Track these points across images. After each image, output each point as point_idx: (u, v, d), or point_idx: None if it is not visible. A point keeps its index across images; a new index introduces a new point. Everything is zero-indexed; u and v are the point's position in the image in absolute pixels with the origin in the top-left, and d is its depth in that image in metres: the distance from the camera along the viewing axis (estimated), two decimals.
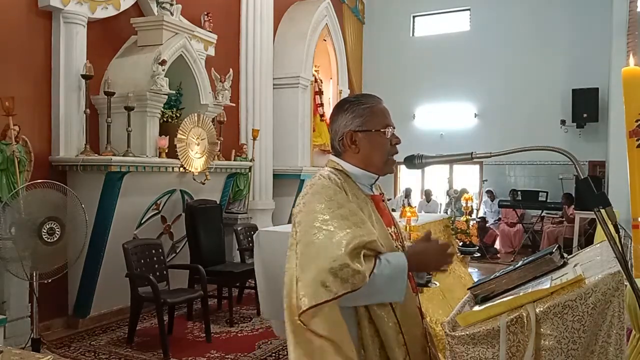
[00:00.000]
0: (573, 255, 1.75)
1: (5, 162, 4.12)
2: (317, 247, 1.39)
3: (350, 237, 1.39)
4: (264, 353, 4.36)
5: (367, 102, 1.63)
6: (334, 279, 1.34)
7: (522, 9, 10.55)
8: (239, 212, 6.86)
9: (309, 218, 1.46)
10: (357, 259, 1.37)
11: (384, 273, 1.42)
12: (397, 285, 1.45)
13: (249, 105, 7.37)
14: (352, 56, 10.66)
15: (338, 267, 1.34)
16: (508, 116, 10.53)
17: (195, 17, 6.37)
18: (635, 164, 2.57)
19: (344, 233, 1.40)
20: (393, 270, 1.44)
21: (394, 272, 1.45)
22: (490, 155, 1.52)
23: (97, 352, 4.32)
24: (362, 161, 1.62)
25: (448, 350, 1.44)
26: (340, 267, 1.34)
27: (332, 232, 1.40)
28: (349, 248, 1.37)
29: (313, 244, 1.40)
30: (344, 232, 1.40)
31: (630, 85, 2.62)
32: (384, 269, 1.43)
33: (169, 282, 4.80)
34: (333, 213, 1.44)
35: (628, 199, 2.64)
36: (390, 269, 1.44)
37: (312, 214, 1.46)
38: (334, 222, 1.42)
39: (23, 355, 1.79)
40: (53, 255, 3.87)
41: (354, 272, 1.35)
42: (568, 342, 1.32)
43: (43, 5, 4.64)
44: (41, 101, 4.73)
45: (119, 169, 4.75)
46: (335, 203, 1.47)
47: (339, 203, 1.48)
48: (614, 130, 8.00)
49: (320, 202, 1.47)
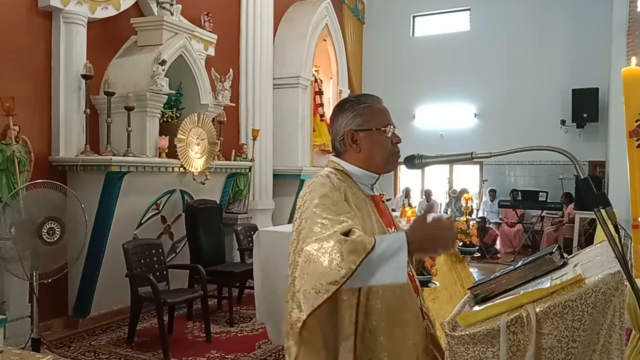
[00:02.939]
0: (573, 255, 1.75)
1: (5, 162, 4.11)
2: (314, 262, 1.36)
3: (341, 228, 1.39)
4: (264, 353, 4.36)
5: (367, 102, 1.64)
6: (342, 258, 1.31)
7: (522, 9, 10.55)
8: (239, 212, 6.86)
9: (307, 224, 1.44)
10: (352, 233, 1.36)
11: (382, 247, 1.34)
12: (397, 262, 1.34)
13: (249, 105, 7.37)
14: (352, 56, 10.66)
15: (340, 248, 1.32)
16: (508, 116, 10.53)
17: (195, 17, 6.37)
18: (635, 164, 2.57)
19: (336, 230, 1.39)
20: (389, 244, 1.35)
21: (392, 247, 1.35)
22: (490, 155, 1.52)
23: (97, 352, 4.32)
24: (363, 161, 1.63)
25: (448, 350, 1.44)
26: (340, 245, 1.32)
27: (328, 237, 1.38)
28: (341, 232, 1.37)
29: (311, 256, 1.37)
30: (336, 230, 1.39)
31: (630, 85, 2.63)
32: (380, 243, 1.35)
33: (169, 282, 4.80)
34: (326, 209, 1.44)
35: (628, 199, 2.65)
36: (387, 244, 1.35)
37: (311, 218, 1.44)
38: (328, 219, 1.41)
39: (23, 355, 1.79)
40: (53, 255, 3.87)
41: (357, 239, 1.33)
42: (568, 342, 1.32)
43: (43, 5, 4.64)
44: (41, 101, 4.73)
45: (119, 169, 4.75)
46: (329, 200, 1.47)
47: (333, 200, 1.48)
48: (614, 130, 8.00)
49: (315, 199, 1.47)
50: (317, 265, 1.33)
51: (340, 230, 1.37)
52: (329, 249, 1.33)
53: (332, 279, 1.29)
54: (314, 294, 1.32)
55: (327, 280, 1.30)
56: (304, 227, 1.42)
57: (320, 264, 1.32)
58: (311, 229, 1.40)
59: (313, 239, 1.37)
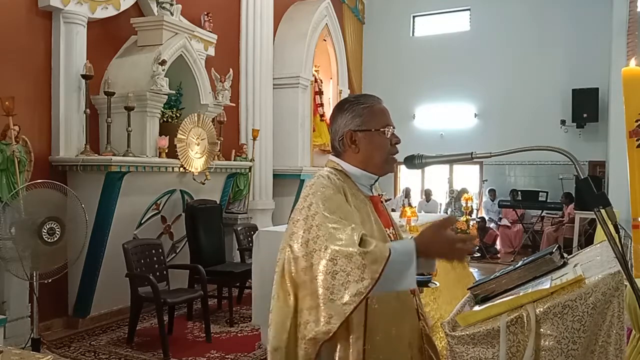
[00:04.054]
0: (573, 255, 1.75)
1: (5, 162, 4.11)
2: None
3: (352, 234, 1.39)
4: (264, 353, 4.35)
5: (366, 102, 1.64)
6: (364, 269, 1.33)
7: (522, 9, 10.54)
8: (239, 212, 6.86)
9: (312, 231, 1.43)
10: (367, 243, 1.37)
11: (396, 256, 1.35)
12: (409, 270, 1.37)
13: (249, 105, 7.37)
14: (352, 56, 10.66)
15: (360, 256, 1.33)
16: (508, 116, 10.53)
17: (195, 17, 6.37)
18: (635, 164, 2.57)
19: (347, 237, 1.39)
20: (401, 254, 1.37)
21: (404, 256, 1.37)
22: (490, 155, 1.52)
23: (97, 352, 4.32)
24: (361, 161, 1.62)
25: (448, 350, 1.44)
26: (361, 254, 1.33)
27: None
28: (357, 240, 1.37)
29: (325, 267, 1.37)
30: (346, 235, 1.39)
31: (630, 85, 2.63)
32: (394, 252, 1.36)
33: (169, 282, 4.80)
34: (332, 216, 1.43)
35: (628, 199, 2.65)
36: (399, 254, 1.36)
37: (319, 225, 1.43)
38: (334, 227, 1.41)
39: (23, 355, 1.79)
40: (53, 255, 3.87)
41: (376, 249, 1.34)
42: (568, 342, 1.32)
43: (43, 5, 4.64)
44: (41, 101, 4.73)
45: (119, 169, 4.75)
46: (335, 204, 1.47)
47: (338, 204, 1.48)
48: (614, 130, 7.99)
49: (319, 206, 1.46)
50: (338, 273, 1.34)
51: (357, 238, 1.37)
52: (351, 258, 1.34)
53: (355, 290, 1.32)
54: (340, 305, 1.33)
55: (352, 292, 1.32)
56: (318, 236, 1.40)
57: (342, 274, 1.34)
58: (328, 237, 1.38)
59: (331, 250, 1.36)
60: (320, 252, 1.38)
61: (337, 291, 1.33)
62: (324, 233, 1.39)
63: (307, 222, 1.44)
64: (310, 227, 1.42)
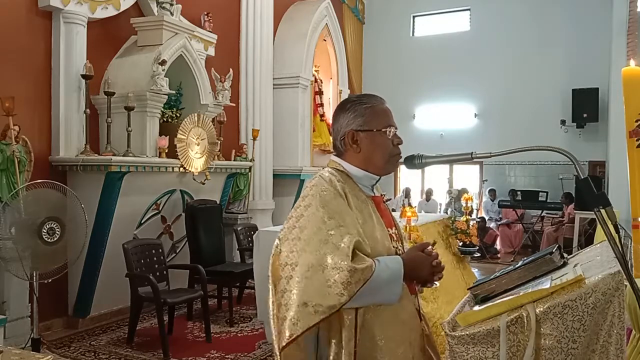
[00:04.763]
0: (573, 255, 1.75)
1: (5, 162, 4.11)
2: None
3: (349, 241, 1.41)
4: (264, 353, 4.36)
5: (368, 102, 1.64)
6: (346, 285, 1.36)
7: (522, 9, 10.55)
8: (239, 212, 6.86)
9: (311, 231, 1.44)
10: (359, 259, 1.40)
11: (382, 276, 1.43)
12: (394, 289, 1.47)
13: (249, 105, 7.37)
14: (352, 56, 10.66)
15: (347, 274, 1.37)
16: (508, 116, 10.53)
17: (195, 17, 6.37)
18: (635, 164, 2.57)
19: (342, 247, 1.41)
20: (391, 274, 1.46)
21: (391, 276, 1.46)
22: (490, 155, 1.52)
23: (97, 352, 4.32)
24: (363, 161, 1.62)
25: (448, 350, 1.44)
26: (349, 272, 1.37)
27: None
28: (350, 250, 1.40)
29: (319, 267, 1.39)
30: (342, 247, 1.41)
31: (630, 85, 2.63)
32: (382, 272, 1.43)
33: (169, 282, 4.80)
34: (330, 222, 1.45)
35: (628, 199, 2.65)
36: (389, 273, 1.45)
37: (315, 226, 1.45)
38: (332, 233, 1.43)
39: (23, 355, 1.79)
40: (53, 255, 3.87)
41: (363, 266, 1.38)
42: (568, 341, 1.32)
43: (43, 5, 4.64)
44: (41, 101, 4.73)
45: (119, 169, 4.75)
46: (332, 210, 1.48)
47: (336, 210, 1.48)
48: (614, 130, 8.00)
49: (318, 211, 1.47)
50: (320, 280, 1.37)
51: (350, 251, 1.39)
52: (337, 270, 1.36)
53: (332, 303, 1.35)
54: (312, 312, 1.35)
55: (327, 303, 1.35)
56: (311, 239, 1.42)
57: (324, 282, 1.36)
58: (319, 240, 1.41)
59: (321, 251, 1.39)
60: (309, 254, 1.39)
61: (313, 298, 1.35)
62: (317, 237, 1.41)
63: (299, 221, 1.46)
64: (304, 227, 1.44)
